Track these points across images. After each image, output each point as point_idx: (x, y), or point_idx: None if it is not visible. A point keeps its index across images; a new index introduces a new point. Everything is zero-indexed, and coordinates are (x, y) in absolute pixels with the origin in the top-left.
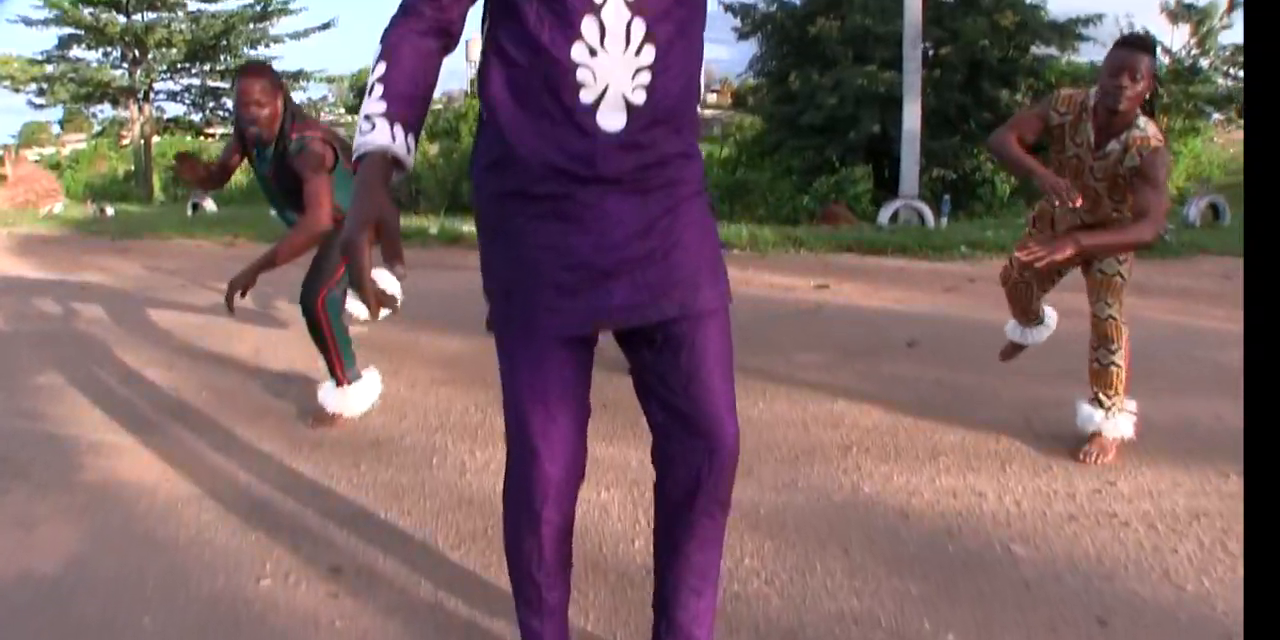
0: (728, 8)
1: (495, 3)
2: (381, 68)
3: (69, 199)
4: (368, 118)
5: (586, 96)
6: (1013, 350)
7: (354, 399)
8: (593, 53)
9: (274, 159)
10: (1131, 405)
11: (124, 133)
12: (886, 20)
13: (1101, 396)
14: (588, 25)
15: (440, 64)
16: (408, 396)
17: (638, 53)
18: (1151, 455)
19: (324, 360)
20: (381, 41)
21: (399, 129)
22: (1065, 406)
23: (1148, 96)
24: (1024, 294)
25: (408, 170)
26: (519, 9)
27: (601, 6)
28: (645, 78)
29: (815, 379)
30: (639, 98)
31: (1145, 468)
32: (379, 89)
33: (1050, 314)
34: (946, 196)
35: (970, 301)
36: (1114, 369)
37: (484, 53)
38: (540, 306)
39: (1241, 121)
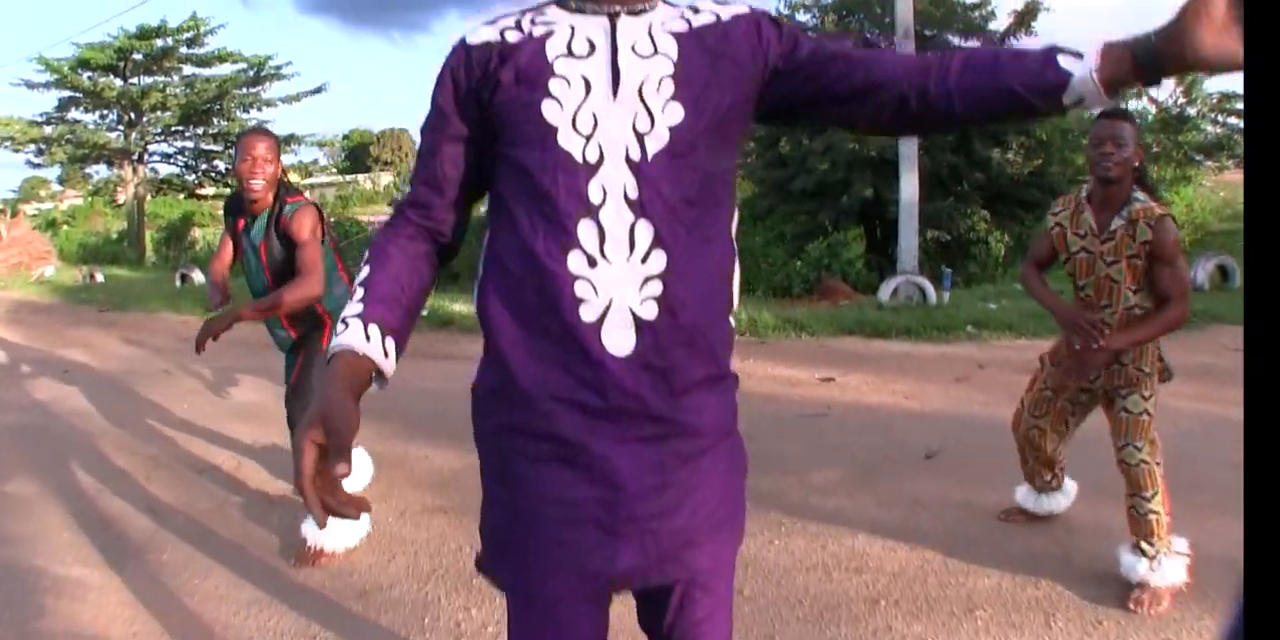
0: None
1: (492, 206)
2: (365, 271)
3: (62, 260)
4: (343, 320)
5: (588, 313)
6: (1020, 515)
7: (339, 533)
8: (592, 262)
9: (266, 225)
10: (1181, 545)
11: (119, 191)
12: None
13: (1144, 545)
14: (584, 230)
15: (434, 268)
16: (397, 530)
17: (644, 260)
18: (1212, 599)
19: None
20: (370, 245)
21: (374, 330)
22: (1105, 533)
23: (1137, 165)
24: (1037, 442)
25: (387, 376)
26: (512, 212)
27: (599, 208)
28: (656, 288)
29: (833, 506)
30: (649, 313)
31: (1207, 616)
32: (360, 292)
33: (1070, 485)
34: (948, 270)
35: (984, 395)
36: (1153, 517)
37: (483, 264)
38: (536, 567)
39: (1231, 164)
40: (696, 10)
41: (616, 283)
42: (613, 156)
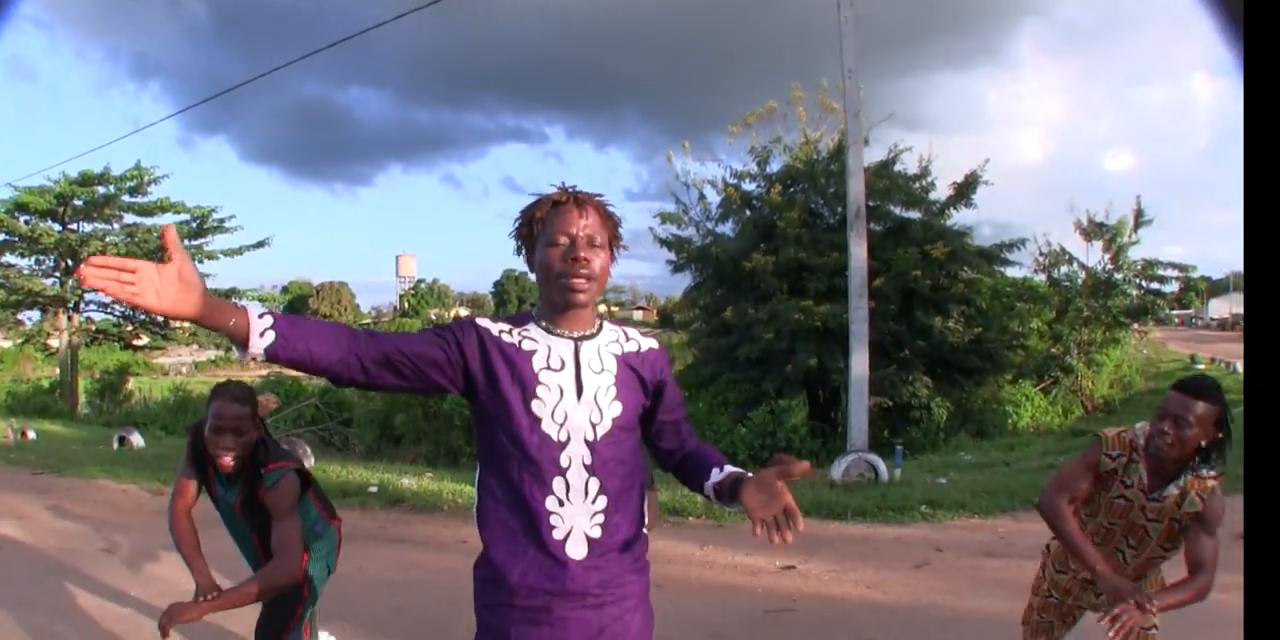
0: (662, 242)
1: (483, 453)
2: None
3: None
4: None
5: (558, 534)
6: None
7: None
8: (561, 503)
9: (242, 490)
10: None
11: (53, 335)
12: (819, 252)
13: None
14: (557, 484)
15: (330, 353)
16: None
17: (594, 501)
18: None
19: None
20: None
21: (268, 320)
22: None
23: (1204, 444)
24: (1045, 631)
25: (247, 346)
26: (505, 465)
27: (567, 470)
28: (600, 519)
29: None
30: (596, 533)
31: None
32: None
33: None
34: (900, 446)
35: (944, 582)
36: None
37: (479, 492)
38: None
39: (1153, 325)
40: (628, 337)
41: (576, 516)
42: (576, 438)
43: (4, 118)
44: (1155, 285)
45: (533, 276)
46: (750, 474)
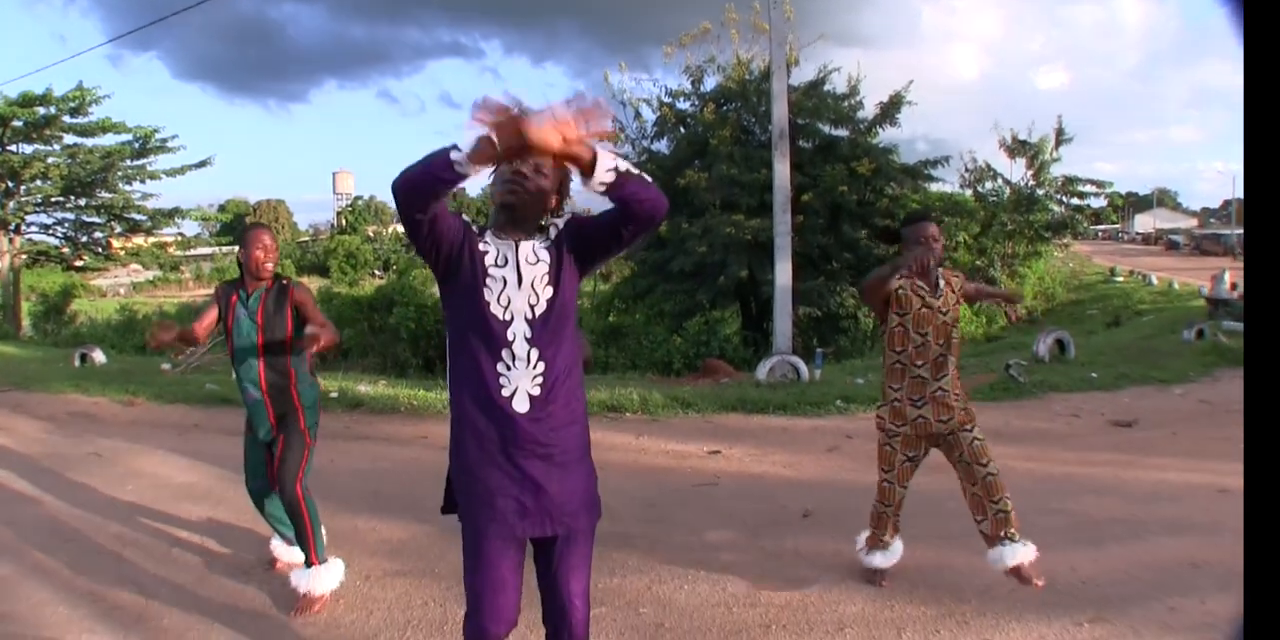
0: None
1: (451, 329)
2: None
3: None
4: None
5: (505, 392)
6: (878, 575)
7: (326, 577)
8: (509, 368)
9: (263, 296)
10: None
11: None
12: (751, 168)
13: (1012, 534)
14: (505, 353)
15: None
16: (367, 591)
17: (533, 366)
18: (1018, 612)
19: (298, 542)
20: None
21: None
22: (942, 571)
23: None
24: (892, 495)
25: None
26: (465, 338)
27: (512, 342)
28: (540, 379)
29: (730, 559)
30: (536, 391)
31: (1014, 623)
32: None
33: (897, 543)
34: (820, 350)
35: (851, 462)
36: (1010, 511)
37: (449, 361)
38: (481, 517)
39: (1074, 240)
40: (556, 227)
41: (520, 378)
42: (519, 317)
43: None
44: (1075, 200)
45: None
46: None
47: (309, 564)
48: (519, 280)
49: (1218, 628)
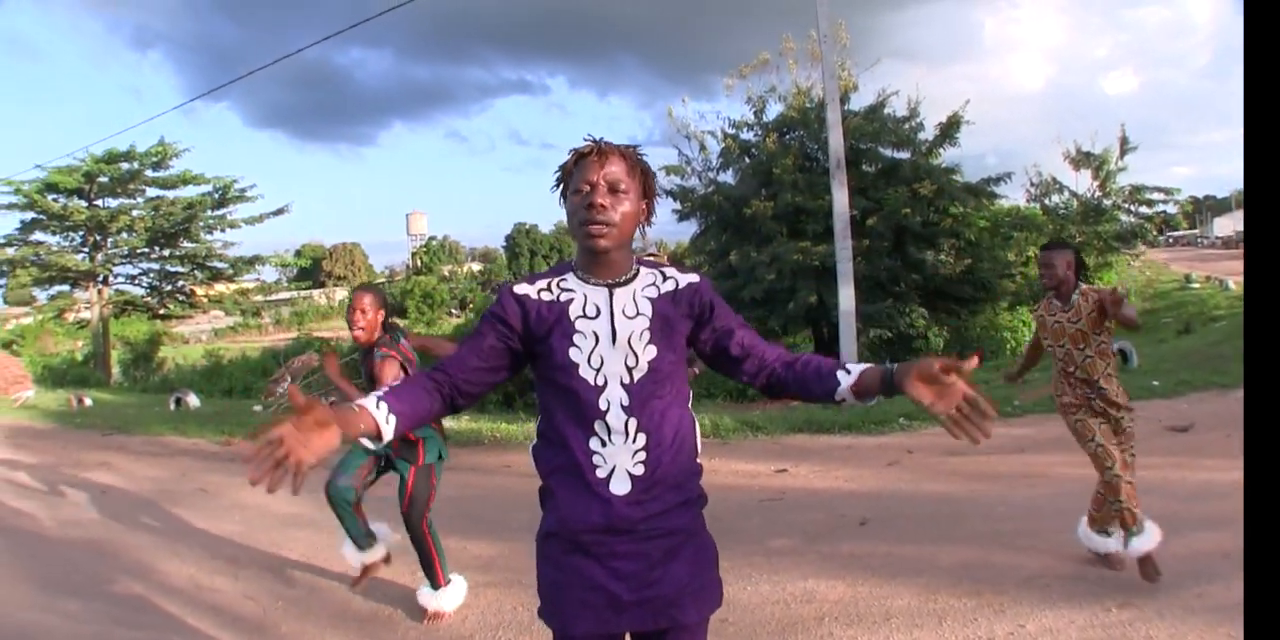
0: (667, 193)
1: (539, 398)
2: (393, 384)
3: (35, 384)
4: (363, 400)
5: (601, 473)
6: (1150, 565)
7: (451, 597)
8: (603, 444)
9: (365, 357)
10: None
11: (68, 310)
12: (815, 195)
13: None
14: (599, 426)
15: (436, 406)
16: (464, 600)
17: (634, 441)
18: (1053, 600)
19: (424, 567)
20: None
21: (383, 405)
22: (986, 567)
23: (1065, 273)
24: (1109, 456)
25: (382, 437)
26: (552, 410)
27: (606, 412)
28: (642, 456)
29: (788, 563)
30: (639, 471)
31: (1047, 611)
32: (382, 391)
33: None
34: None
35: (911, 475)
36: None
37: (536, 435)
38: (568, 614)
39: (1145, 249)
40: (666, 277)
41: (618, 454)
42: (613, 381)
43: (13, 96)
44: (1143, 209)
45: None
46: (897, 364)
47: (436, 586)
48: (613, 336)
49: (1238, 610)
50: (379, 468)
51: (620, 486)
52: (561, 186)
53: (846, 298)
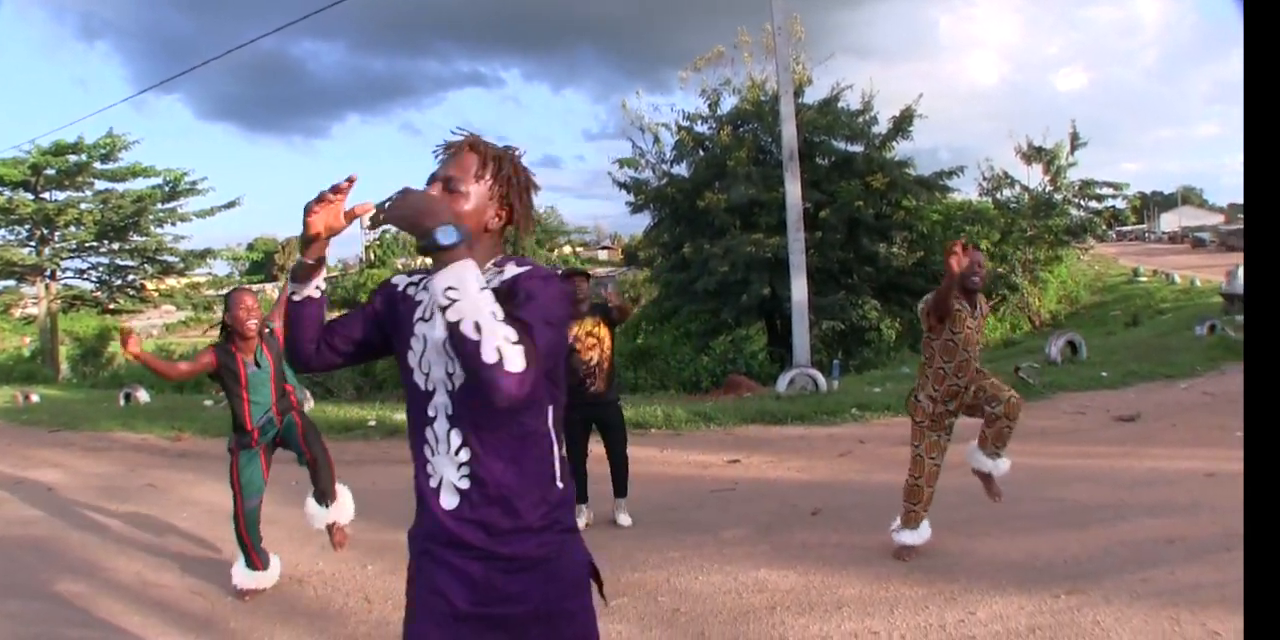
0: (621, 185)
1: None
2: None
3: None
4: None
5: (433, 482)
6: (909, 552)
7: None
8: (433, 452)
9: (261, 351)
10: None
11: (14, 306)
12: (769, 187)
13: (1001, 452)
14: (428, 433)
15: (316, 334)
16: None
17: (456, 453)
18: (1002, 587)
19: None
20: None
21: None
22: (937, 555)
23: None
24: (923, 467)
25: (309, 282)
26: (406, 410)
27: (434, 419)
28: (466, 470)
29: (741, 552)
30: (465, 485)
31: (998, 597)
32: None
33: (925, 524)
34: (837, 361)
35: (862, 465)
36: (1009, 436)
37: None
38: (414, 610)
39: (1094, 242)
40: (503, 274)
41: (444, 466)
42: (440, 387)
43: None
44: (1093, 204)
45: None
46: None
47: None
48: (438, 340)
49: (1181, 594)
50: (269, 459)
51: (449, 500)
52: None
53: (799, 289)
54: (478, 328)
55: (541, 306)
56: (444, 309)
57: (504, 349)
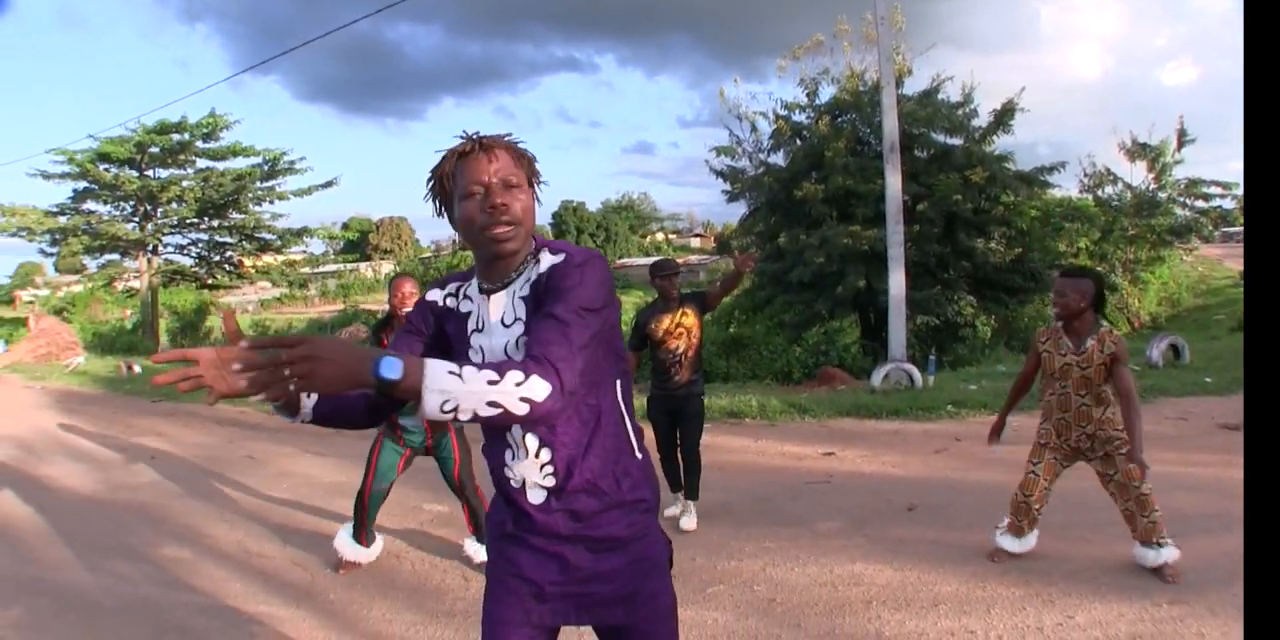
0: (717, 173)
1: None
2: None
3: (85, 351)
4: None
5: (515, 484)
6: (1004, 556)
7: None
8: (513, 457)
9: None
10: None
11: (118, 279)
12: (866, 179)
13: (1158, 541)
14: (509, 439)
15: (361, 402)
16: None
17: (536, 456)
18: (1103, 593)
19: (475, 521)
20: None
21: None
22: (1037, 557)
23: (1083, 306)
24: (1034, 486)
25: (299, 413)
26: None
27: (509, 428)
28: (549, 469)
29: (837, 545)
30: (549, 482)
31: (1097, 603)
32: None
33: (1032, 534)
34: (933, 357)
35: (958, 463)
36: (1158, 521)
37: None
38: (494, 596)
39: (1199, 243)
40: (538, 263)
41: (526, 469)
42: None
43: (65, 67)
44: (1199, 203)
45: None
46: None
47: (481, 540)
48: (495, 349)
49: None
50: (408, 461)
51: (535, 496)
52: (438, 194)
53: (896, 283)
54: (492, 404)
55: (577, 297)
56: (453, 416)
57: (525, 393)
